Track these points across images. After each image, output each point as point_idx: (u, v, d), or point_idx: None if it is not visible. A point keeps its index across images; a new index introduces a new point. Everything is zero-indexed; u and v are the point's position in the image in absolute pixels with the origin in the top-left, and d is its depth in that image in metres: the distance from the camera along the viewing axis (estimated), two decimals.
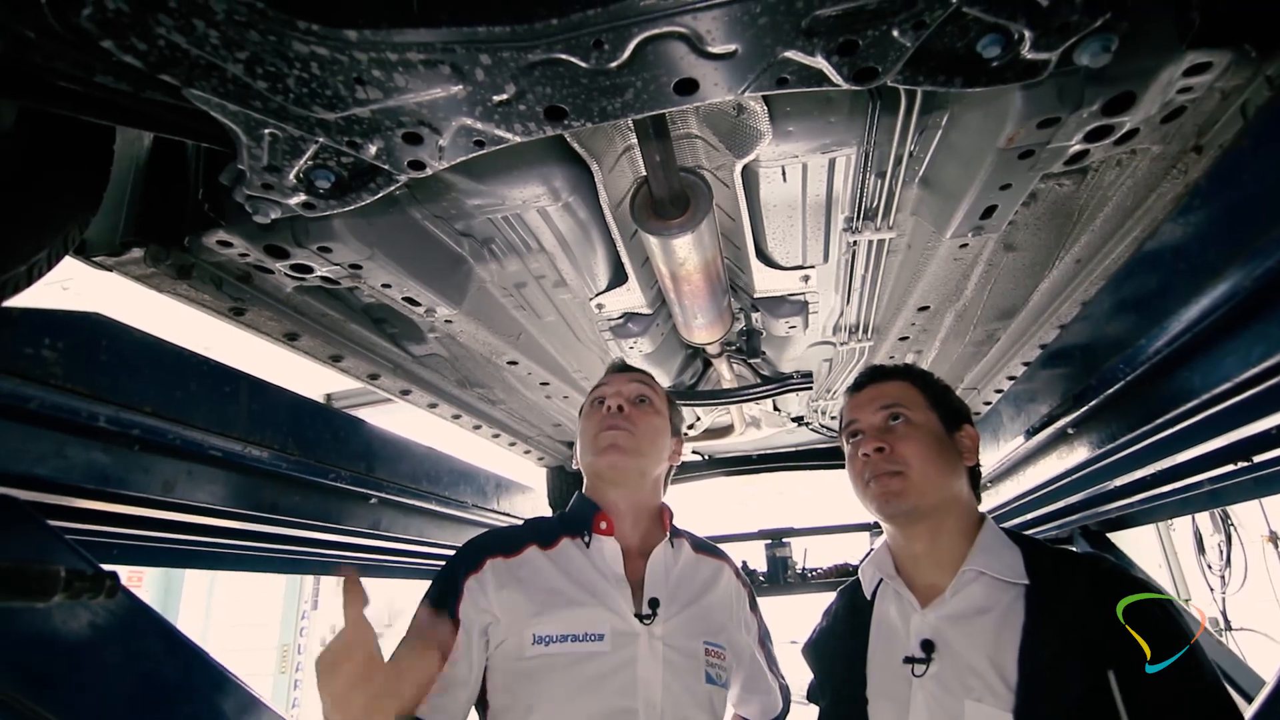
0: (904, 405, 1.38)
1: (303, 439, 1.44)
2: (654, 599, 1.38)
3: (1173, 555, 5.61)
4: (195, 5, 0.82)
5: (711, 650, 1.41)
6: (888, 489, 1.30)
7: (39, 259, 1.23)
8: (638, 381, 1.58)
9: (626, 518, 1.49)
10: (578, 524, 1.47)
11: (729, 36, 0.86)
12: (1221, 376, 1.11)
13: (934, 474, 1.31)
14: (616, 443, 1.45)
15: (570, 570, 1.39)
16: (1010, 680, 1.13)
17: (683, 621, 1.40)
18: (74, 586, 0.89)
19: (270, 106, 0.94)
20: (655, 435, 1.53)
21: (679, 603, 1.43)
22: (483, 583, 1.33)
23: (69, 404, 0.98)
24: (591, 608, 1.33)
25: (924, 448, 1.32)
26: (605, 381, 1.59)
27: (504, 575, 1.34)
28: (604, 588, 1.37)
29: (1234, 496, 2.02)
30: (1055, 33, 0.85)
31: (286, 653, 8.96)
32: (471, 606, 1.30)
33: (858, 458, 1.38)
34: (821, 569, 4.27)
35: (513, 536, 1.45)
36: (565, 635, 1.29)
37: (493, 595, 1.32)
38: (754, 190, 1.52)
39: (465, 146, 1.01)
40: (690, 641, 1.39)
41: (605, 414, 1.50)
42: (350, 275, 1.49)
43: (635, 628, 1.33)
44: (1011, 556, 1.27)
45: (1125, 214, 1.60)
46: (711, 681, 1.39)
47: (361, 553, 2.15)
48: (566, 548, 1.44)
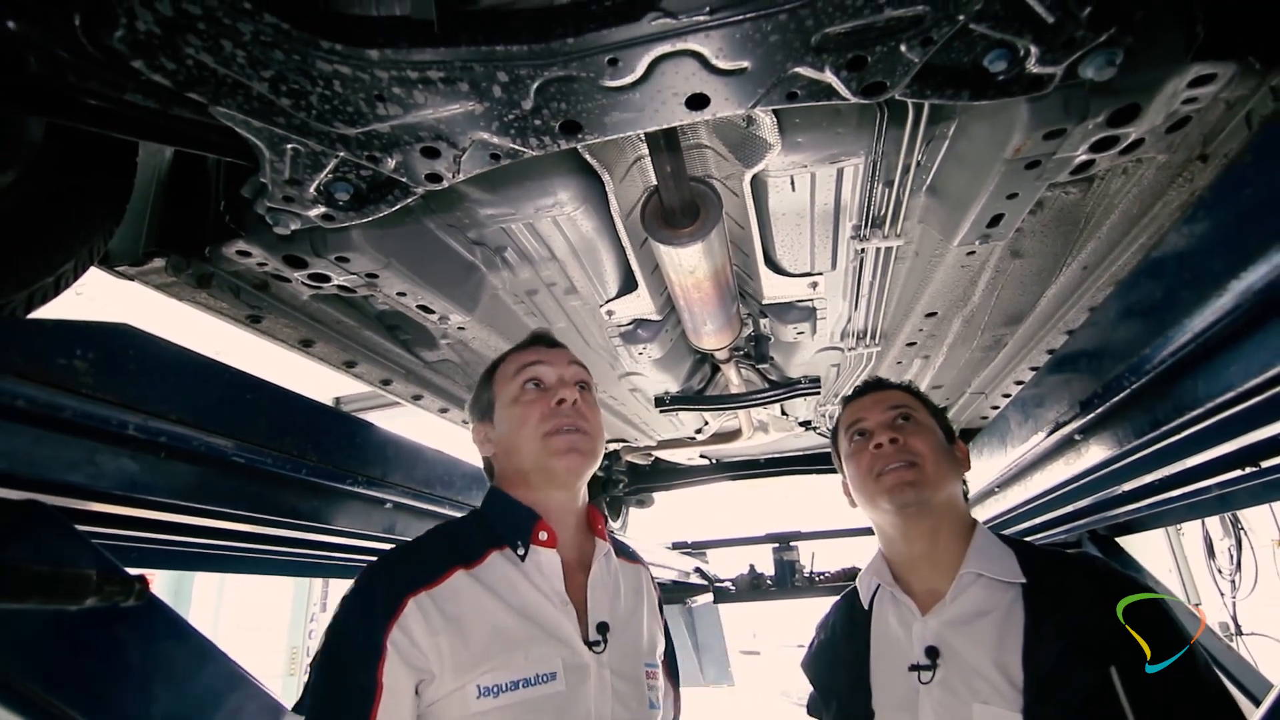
0: (911, 408, 1.41)
1: (321, 445, 1.47)
2: (603, 623, 1.19)
3: (1182, 560, 5.58)
4: (223, 26, 0.85)
5: (650, 672, 1.28)
6: (903, 479, 1.31)
7: (66, 269, 1.26)
8: (576, 364, 1.34)
9: (567, 525, 1.26)
10: (509, 533, 1.21)
11: (740, 54, 0.88)
12: (1229, 383, 1.12)
13: (942, 470, 1.33)
14: (577, 447, 1.23)
15: (507, 595, 1.14)
16: (1016, 681, 1.14)
17: (624, 644, 1.23)
18: (105, 590, 0.92)
19: (293, 122, 0.97)
20: (602, 430, 1.33)
21: (621, 622, 1.25)
22: (409, 631, 1.04)
23: (100, 413, 1.00)
24: (539, 642, 1.12)
25: (933, 445, 1.35)
26: (538, 358, 1.31)
27: (433, 617, 1.06)
28: (548, 613, 1.15)
29: (1243, 501, 2.02)
30: (1060, 48, 0.87)
31: (295, 655, 9.01)
32: (399, 665, 1.02)
33: (866, 452, 1.38)
34: (829, 573, 4.28)
35: (429, 558, 1.17)
36: (515, 681, 1.07)
37: (426, 645, 1.04)
38: (763, 199, 1.54)
39: (481, 160, 1.04)
40: (633, 667, 1.23)
41: (554, 407, 1.25)
42: (367, 284, 1.52)
43: (586, 658, 1.14)
44: (1006, 558, 1.29)
45: (1132, 221, 1.62)
46: (653, 706, 1.25)
47: (377, 557, 2.17)
48: (496, 564, 1.18)
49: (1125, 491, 1.86)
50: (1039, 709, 1.11)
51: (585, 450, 1.24)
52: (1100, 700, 1.09)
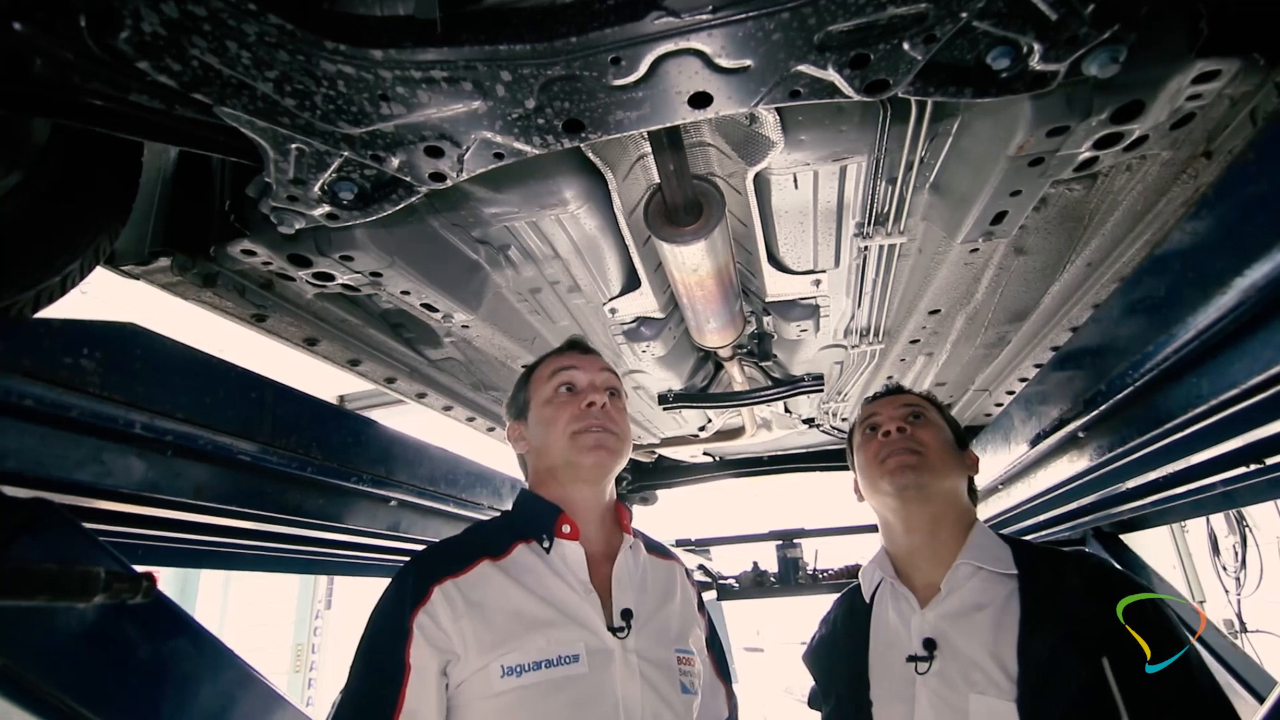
0: (924, 409, 1.49)
1: (326, 443, 1.48)
2: (626, 609, 1.25)
3: (1187, 557, 5.56)
4: (228, 27, 0.85)
5: (683, 658, 1.32)
6: (904, 462, 1.38)
7: (71, 269, 1.27)
8: (608, 370, 1.42)
9: (591, 519, 1.35)
10: (534, 526, 1.31)
11: (742, 52, 0.88)
12: (1233, 380, 1.12)
13: (946, 464, 1.40)
14: (605, 444, 1.31)
15: (531, 584, 1.22)
16: (1011, 672, 1.17)
17: (653, 631, 1.29)
18: (113, 587, 0.93)
19: (298, 122, 0.98)
20: (629, 435, 1.41)
21: (647, 610, 1.31)
22: (434, 615, 1.14)
23: (107, 411, 1.01)
24: (561, 625, 1.19)
25: (940, 439, 1.43)
26: (572, 363, 1.40)
27: (458, 602, 1.16)
28: (572, 600, 1.23)
29: (1248, 498, 2.02)
30: (1064, 45, 0.87)
31: (300, 652, 9.04)
32: (426, 647, 1.12)
33: (875, 441, 1.47)
34: (832, 570, 4.28)
35: (458, 550, 1.27)
36: (538, 662, 1.14)
37: (450, 627, 1.13)
38: (766, 197, 1.54)
39: (485, 159, 1.04)
40: (663, 652, 1.28)
41: (584, 409, 1.33)
42: (371, 283, 1.53)
43: (609, 643, 1.20)
44: (1002, 552, 1.34)
45: (1136, 218, 1.61)
46: (687, 691, 1.29)
47: (381, 554, 2.19)
48: (522, 556, 1.27)
49: (1129, 489, 1.86)
50: (1033, 699, 1.14)
51: (612, 448, 1.32)
52: (1093, 692, 1.12)
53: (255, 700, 1.33)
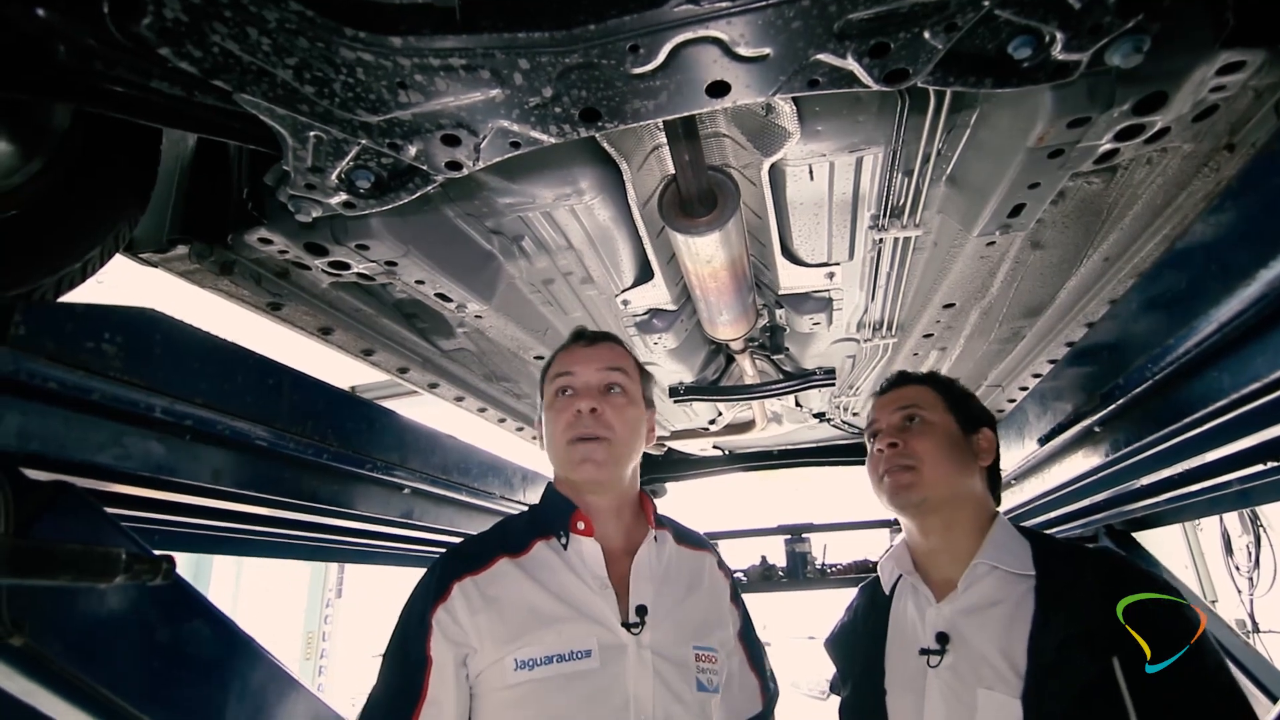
0: (921, 407, 1.46)
1: (341, 430, 1.49)
2: (641, 606, 1.26)
3: (1199, 556, 5.52)
4: (249, 14, 0.86)
5: (702, 655, 1.31)
6: (899, 482, 1.39)
7: (92, 256, 1.28)
8: (608, 367, 1.38)
9: (607, 516, 1.36)
10: (552, 523, 1.33)
11: (761, 40, 0.88)
12: (1251, 376, 1.11)
13: (945, 470, 1.38)
14: (591, 457, 1.30)
15: (547, 580, 1.26)
16: (1020, 668, 1.18)
17: (671, 627, 1.29)
18: (134, 569, 0.94)
19: (316, 110, 0.98)
20: (632, 429, 1.37)
21: (666, 606, 1.31)
22: (452, 611, 1.20)
23: (127, 395, 1.02)
24: (575, 621, 1.22)
25: (936, 445, 1.40)
26: (570, 363, 1.38)
27: (475, 598, 1.21)
28: (586, 596, 1.25)
29: (1264, 497, 2.00)
30: (1087, 34, 0.86)
31: (312, 639, 9.14)
32: (443, 641, 1.19)
33: (874, 453, 1.47)
34: (841, 564, 4.27)
35: (479, 549, 1.32)
36: (550, 656, 1.18)
37: (466, 622, 1.19)
38: (781, 188, 1.53)
39: (501, 148, 1.04)
40: (680, 649, 1.28)
41: (575, 416, 1.32)
42: (386, 272, 1.53)
43: (623, 638, 1.22)
44: (1021, 551, 1.33)
45: (1155, 212, 1.59)
46: (703, 689, 1.28)
47: (394, 542, 2.20)
48: (540, 553, 1.30)
49: (1143, 485, 1.85)
50: (1038, 695, 1.15)
51: (599, 459, 1.30)
52: (1100, 691, 1.12)
53: (271, 683, 1.35)
